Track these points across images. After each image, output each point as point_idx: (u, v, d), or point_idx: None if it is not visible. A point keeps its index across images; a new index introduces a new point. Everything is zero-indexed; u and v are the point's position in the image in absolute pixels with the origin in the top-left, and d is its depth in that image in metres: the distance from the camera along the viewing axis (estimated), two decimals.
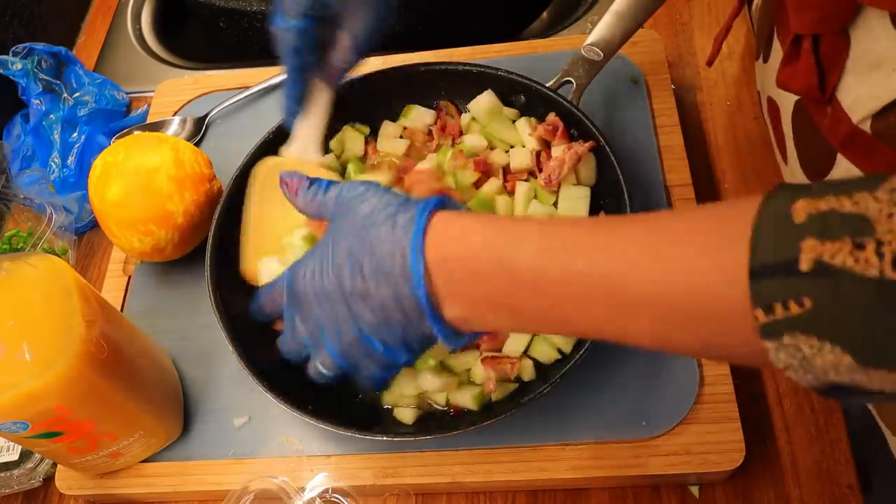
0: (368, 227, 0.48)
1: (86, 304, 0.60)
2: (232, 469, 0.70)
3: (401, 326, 0.48)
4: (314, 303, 0.51)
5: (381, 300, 0.47)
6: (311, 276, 0.51)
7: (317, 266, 0.51)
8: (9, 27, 0.98)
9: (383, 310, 0.47)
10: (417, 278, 0.45)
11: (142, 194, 0.73)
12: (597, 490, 0.66)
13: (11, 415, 0.57)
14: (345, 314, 0.49)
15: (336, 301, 0.49)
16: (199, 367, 0.76)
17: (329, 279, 0.49)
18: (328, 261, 0.50)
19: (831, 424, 0.66)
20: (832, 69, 0.55)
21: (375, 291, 0.47)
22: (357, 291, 0.48)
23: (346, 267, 0.48)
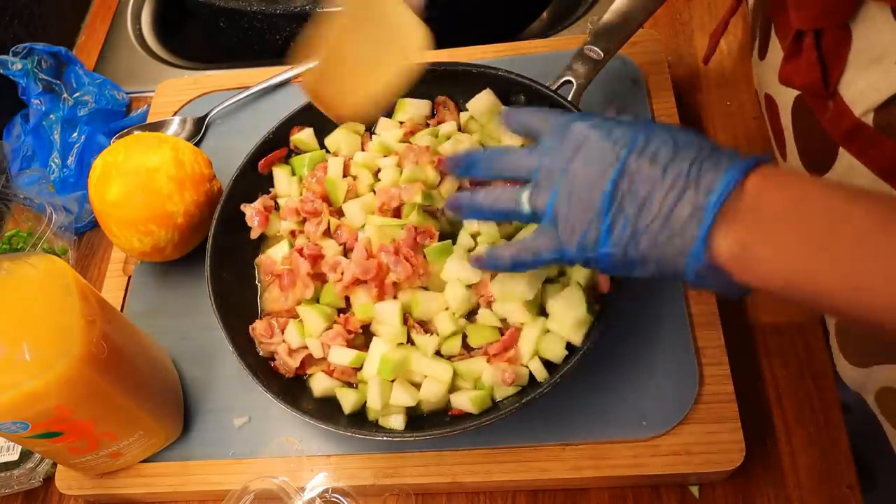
0: (683, 146, 0.46)
1: (86, 303, 0.60)
2: (232, 469, 0.70)
3: (657, 229, 0.45)
4: (583, 150, 0.48)
5: (658, 193, 0.45)
6: (601, 130, 0.48)
7: (611, 128, 0.48)
8: (9, 27, 0.98)
9: (649, 203, 0.45)
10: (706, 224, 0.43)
11: (142, 194, 0.73)
12: (597, 490, 0.66)
13: (11, 415, 0.57)
14: (609, 175, 0.46)
15: (610, 162, 0.46)
16: (199, 367, 0.76)
17: (621, 141, 0.47)
18: (623, 130, 0.47)
19: (831, 424, 0.66)
20: (835, 63, 0.54)
21: (659, 180, 0.45)
22: (642, 170, 0.45)
23: (644, 146, 0.46)
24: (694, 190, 0.44)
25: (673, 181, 0.44)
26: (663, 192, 0.44)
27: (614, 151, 0.46)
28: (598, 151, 0.47)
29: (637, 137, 0.47)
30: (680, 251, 0.44)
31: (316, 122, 0.80)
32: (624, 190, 0.45)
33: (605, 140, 0.47)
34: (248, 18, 0.99)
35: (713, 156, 0.45)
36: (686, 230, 0.44)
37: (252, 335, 0.70)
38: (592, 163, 0.47)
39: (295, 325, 0.69)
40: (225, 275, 0.72)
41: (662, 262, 0.46)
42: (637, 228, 0.45)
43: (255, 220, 0.75)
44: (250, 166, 0.78)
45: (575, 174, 0.47)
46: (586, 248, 0.48)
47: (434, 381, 0.65)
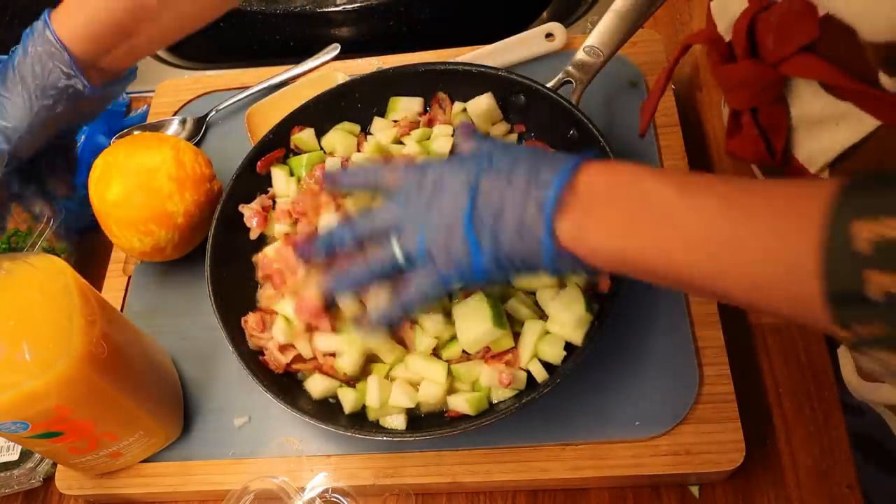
0: (521, 157, 0.51)
1: (86, 303, 0.60)
2: (232, 469, 0.70)
3: (513, 230, 0.49)
4: (439, 185, 0.52)
5: (508, 200, 0.49)
6: (452, 164, 0.53)
7: (460, 160, 0.53)
8: (9, 27, 0.98)
9: (502, 210, 0.49)
10: (554, 194, 0.47)
11: (142, 194, 0.73)
12: (597, 490, 0.66)
13: (11, 415, 0.57)
14: (465, 197, 0.50)
15: (465, 185, 0.51)
16: (199, 367, 0.76)
17: (471, 167, 0.51)
18: (470, 160, 0.52)
19: (831, 424, 0.66)
20: (776, 135, 0.57)
21: (508, 188, 0.49)
22: (491, 184, 0.50)
23: (489, 167, 0.51)
24: (535, 189, 0.49)
25: (518, 187, 0.49)
26: (512, 197, 0.49)
27: (467, 176, 0.51)
28: (454, 181, 0.51)
29: (482, 160, 0.51)
30: (534, 246, 0.49)
31: (316, 122, 0.80)
32: (480, 206, 0.50)
33: (457, 170, 0.52)
34: (248, 18, 0.99)
35: (549, 159, 0.50)
36: (535, 224, 0.48)
37: (243, 327, 0.70)
38: (450, 194, 0.51)
39: (282, 321, 0.69)
40: (225, 275, 0.72)
41: (526, 259, 0.50)
42: (497, 236, 0.50)
43: (254, 220, 0.75)
44: (250, 166, 0.78)
45: (438, 207, 0.52)
46: (462, 268, 0.51)
47: (430, 383, 0.65)
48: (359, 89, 0.81)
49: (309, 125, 0.80)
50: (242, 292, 0.74)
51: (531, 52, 0.89)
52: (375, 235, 0.55)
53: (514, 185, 0.49)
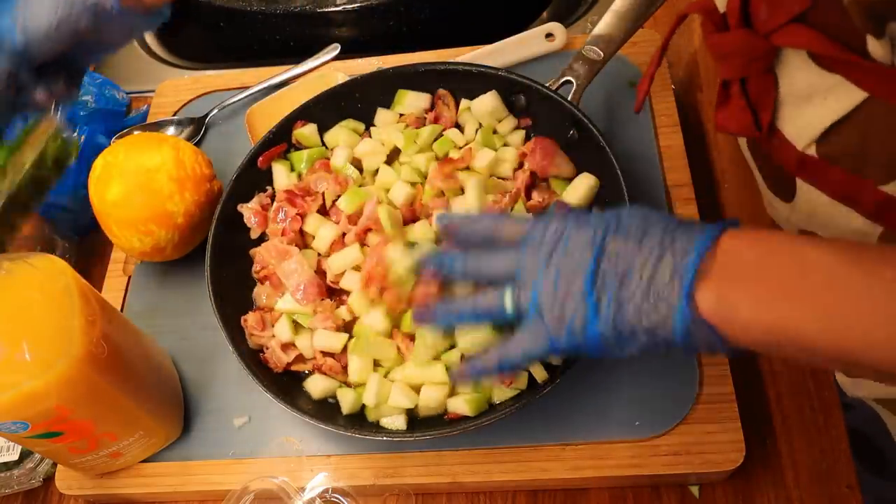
0: (653, 219, 0.48)
1: (86, 303, 0.60)
2: (232, 469, 0.70)
3: (641, 297, 0.46)
4: (562, 241, 0.49)
5: (637, 263, 0.46)
6: (576, 220, 0.50)
7: (585, 217, 0.50)
8: None
9: (630, 273, 0.46)
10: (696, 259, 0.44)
11: (142, 194, 0.73)
12: (597, 490, 0.66)
13: (11, 415, 0.57)
14: (589, 256, 0.47)
15: (589, 245, 0.48)
16: (199, 367, 0.76)
17: (597, 226, 0.48)
18: (597, 218, 0.49)
19: (831, 424, 0.66)
20: (763, 107, 0.56)
21: (637, 252, 0.46)
22: (619, 247, 0.47)
23: (617, 226, 0.48)
24: (671, 255, 0.45)
25: (650, 250, 0.46)
26: (641, 261, 0.46)
27: (592, 236, 0.48)
28: (577, 239, 0.48)
29: (610, 220, 0.48)
30: (666, 314, 0.45)
31: (318, 118, 0.80)
32: (605, 268, 0.47)
33: (582, 228, 0.49)
34: (248, 18, 0.99)
35: (683, 225, 0.47)
36: (669, 292, 0.45)
37: (243, 325, 0.70)
38: (573, 251, 0.48)
39: (286, 320, 0.69)
40: (225, 275, 0.72)
41: (651, 329, 0.46)
42: (622, 301, 0.46)
43: (254, 220, 0.75)
44: (250, 166, 0.78)
45: (557, 264, 0.48)
46: (575, 333, 0.48)
47: (431, 387, 0.65)
48: (359, 89, 0.81)
49: (312, 121, 0.80)
50: (242, 292, 0.74)
51: (531, 52, 0.89)
52: (491, 278, 0.52)
53: (646, 249, 0.46)
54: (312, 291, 0.69)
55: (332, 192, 0.75)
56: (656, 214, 0.49)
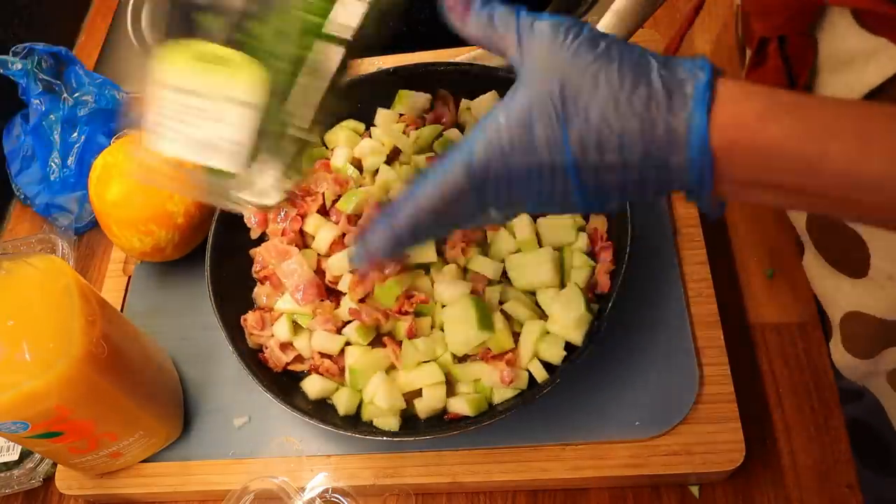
0: (627, 87, 0.40)
1: (86, 303, 0.60)
2: (232, 469, 0.70)
3: (639, 178, 0.40)
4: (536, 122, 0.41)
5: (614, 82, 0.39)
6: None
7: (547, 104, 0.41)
8: (9, 27, 0.98)
9: (625, 169, 0.40)
10: (697, 158, 0.38)
11: (142, 194, 0.73)
12: (597, 490, 0.66)
13: (11, 415, 0.57)
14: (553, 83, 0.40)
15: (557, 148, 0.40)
16: (199, 367, 0.76)
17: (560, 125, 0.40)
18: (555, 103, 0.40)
19: (831, 424, 0.66)
20: (801, 69, 0.55)
21: (628, 154, 0.40)
22: (602, 143, 0.40)
23: (591, 121, 0.40)
24: (668, 70, 0.40)
25: (632, 69, 0.40)
26: (620, 79, 0.39)
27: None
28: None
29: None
30: (673, 130, 0.39)
31: None
32: (577, 82, 0.40)
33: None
34: None
35: (655, 56, 0.41)
36: (676, 96, 0.39)
37: (243, 325, 0.70)
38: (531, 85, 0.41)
39: (286, 321, 0.69)
40: (225, 274, 0.72)
41: (648, 155, 0.39)
42: (605, 114, 0.39)
43: (254, 220, 0.75)
44: None
45: (509, 104, 0.41)
46: (535, 154, 0.40)
47: (431, 388, 0.65)
48: (359, 89, 0.81)
49: None
50: (242, 292, 0.74)
51: None
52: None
53: (626, 68, 0.39)
54: (312, 292, 0.69)
55: (332, 192, 0.75)
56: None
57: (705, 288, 0.71)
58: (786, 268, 0.74)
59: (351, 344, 0.68)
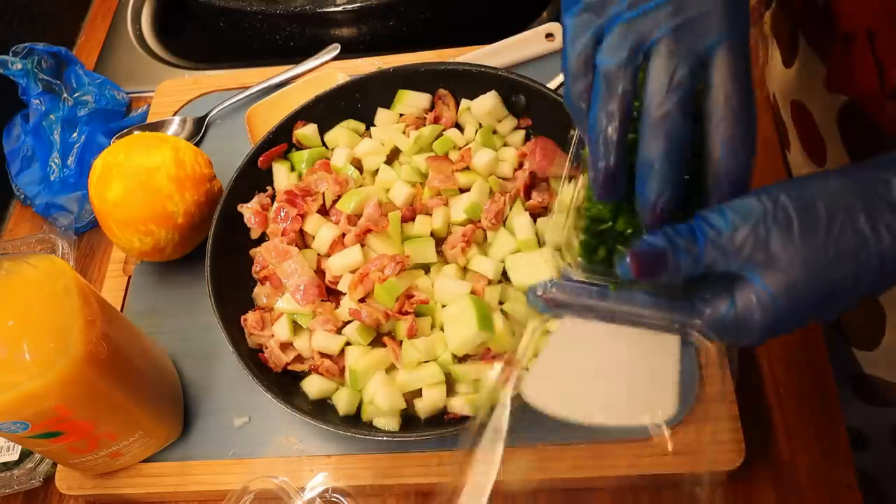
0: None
1: (86, 303, 0.60)
2: (232, 469, 0.70)
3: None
4: None
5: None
6: None
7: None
8: (9, 27, 0.98)
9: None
10: None
11: (142, 194, 0.73)
12: (597, 490, 0.66)
13: (11, 415, 0.57)
14: None
15: None
16: (199, 367, 0.76)
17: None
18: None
19: (831, 424, 0.66)
20: (890, 64, 0.53)
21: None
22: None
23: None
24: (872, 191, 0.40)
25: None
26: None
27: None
28: None
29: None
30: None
31: (319, 118, 0.80)
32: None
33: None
34: (248, 18, 0.98)
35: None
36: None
37: (243, 325, 0.70)
38: None
39: (286, 320, 0.69)
40: (225, 274, 0.72)
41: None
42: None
43: (254, 220, 0.75)
44: (251, 166, 0.78)
45: None
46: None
47: (431, 388, 0.65)
48: (359, 89, 0.81)
49: (312, 121, 0.80)
50: (242, 292, 0.74)
51: (531, 52, 0.89)
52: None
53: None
54: (312, 292, 0.69)
55: (332, 193, 0.75)
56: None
57: None
58: None
59: (351, 344, 0.68)
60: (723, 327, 0.43)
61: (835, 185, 0.41)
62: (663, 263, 0.42)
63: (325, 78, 0.88)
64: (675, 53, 0.42)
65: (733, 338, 0.43)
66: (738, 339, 0.44)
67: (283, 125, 0.79)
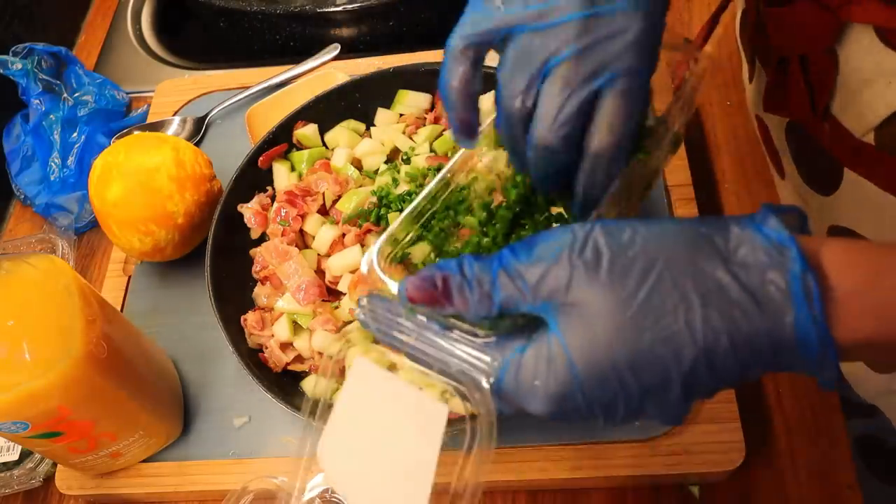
0: (699, 260, 0.35)
1: (86, 304, 0.60)
2: (232, 469, 0.70)
3: (754, 359, 0.34)
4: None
5: (744, 333, 0.34)
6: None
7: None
8: (9, 27, 0.98)
9: (741, 344, 0.34)
10: (805, 304, 0.33)
11: (142, 194, 0.73)
12: (597, 490, 0.66)
13: (12, 415, 0.57)
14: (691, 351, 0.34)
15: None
16: (199, 367, 0.75)
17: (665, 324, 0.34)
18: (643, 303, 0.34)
19: (831, 424, 0.66)
20: (821, 89, 0.54)
21: (737, 324, 0.34)
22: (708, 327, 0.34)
23: (680, 306, 0.34)
24: (739, 265, 0.35)
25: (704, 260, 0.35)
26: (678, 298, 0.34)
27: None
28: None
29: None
30: (777, 339, 0.33)
31: (319, 118, 0.80)
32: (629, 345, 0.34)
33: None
34: (248, 18, 0.99)
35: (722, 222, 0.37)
36: (767, 301, 0.33)
37: (243, 325, 0.70)
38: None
39: (286, 321, 0.69)
40: (225, 274, 0.72)
41: (747, 368, 0.34)
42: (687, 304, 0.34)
43: (254, 220, 0.75)
44: (251, 166, 0.78)
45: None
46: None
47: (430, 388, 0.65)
48: (359, 89, 0.81)
49: (312, 121, 0.80)
50: (242, 292, 0.74)
51: None
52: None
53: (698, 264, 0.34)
54: (313, 292, 0.69)
55: (332, 193, 0.75)
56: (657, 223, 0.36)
57: None
58: None
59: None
60: (504, 383, 0.37)
61: (666, 227, 0.36)
62: (446, 293, 0.36)
63: (325, 78, 0.88)
64: (568, 86, 0.41)
65: (514, 399, 0.37)
66: (519, 403, 0.37)
67: (283, 125, 0.79)
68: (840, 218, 0.59)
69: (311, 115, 0.80)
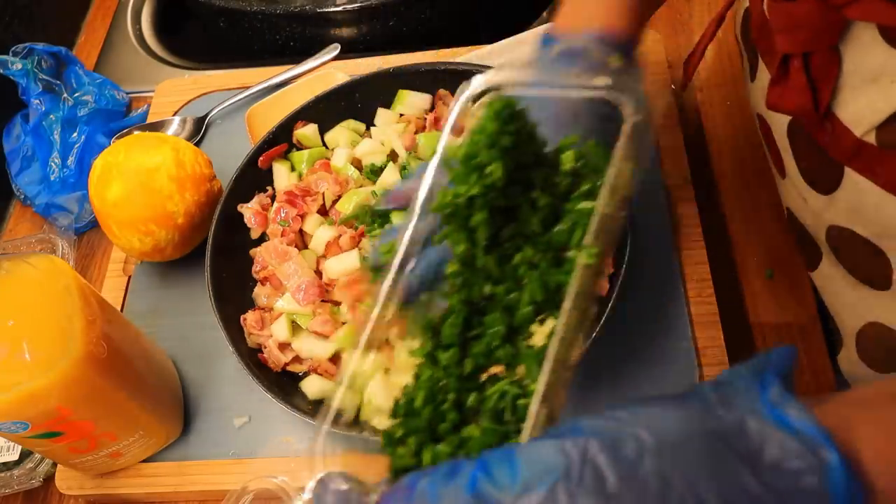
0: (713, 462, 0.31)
1: (86, 303, 0.60)
2: (232, 469, 0.70)
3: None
4: None
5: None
6: None
7: None
8: (9, 27, 0.98)
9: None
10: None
11: (142, 194, 0.73)
12: None
13: (12, 415, 0.57)
14: None
15: None
16: (199, 367, 0.76)
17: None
18: None
19: None
20: (824, 86, 0.54)
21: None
22: None
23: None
24: (772, 471, 0.31)
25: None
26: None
27: None
28: None
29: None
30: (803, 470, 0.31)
31: (319, 118, 0.80)
32: None
33: None
34: (248, 18, 0.99)
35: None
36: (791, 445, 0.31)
37: (242, 325, 0.71)
38: None
39: (285, 321, 0.69)
40: (225, 275, 0.72)
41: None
42: None
43: (253, 220, 0.75)
44: (251, 166, 0.78)
45: None
46: None
47: None
48: (359, 89, 0.81)
49: (313, 121, 0.80)
50: (242, 292, 0.75)
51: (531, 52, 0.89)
52: None
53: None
54: (312, 293, 0.69)
55: (332, 193, 0.75)
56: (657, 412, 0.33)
57: (705, 288, 0.70)
58: (786, 268, 0.74)
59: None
60: None
61: (669, 427, 0.31)
62: None
63: (325, 78, 0.88)
64: None
65: None
66: None
67: (283, 125, 0.79)
68: (840, 218, 0.59)
69: (311, 115, 0.80)
